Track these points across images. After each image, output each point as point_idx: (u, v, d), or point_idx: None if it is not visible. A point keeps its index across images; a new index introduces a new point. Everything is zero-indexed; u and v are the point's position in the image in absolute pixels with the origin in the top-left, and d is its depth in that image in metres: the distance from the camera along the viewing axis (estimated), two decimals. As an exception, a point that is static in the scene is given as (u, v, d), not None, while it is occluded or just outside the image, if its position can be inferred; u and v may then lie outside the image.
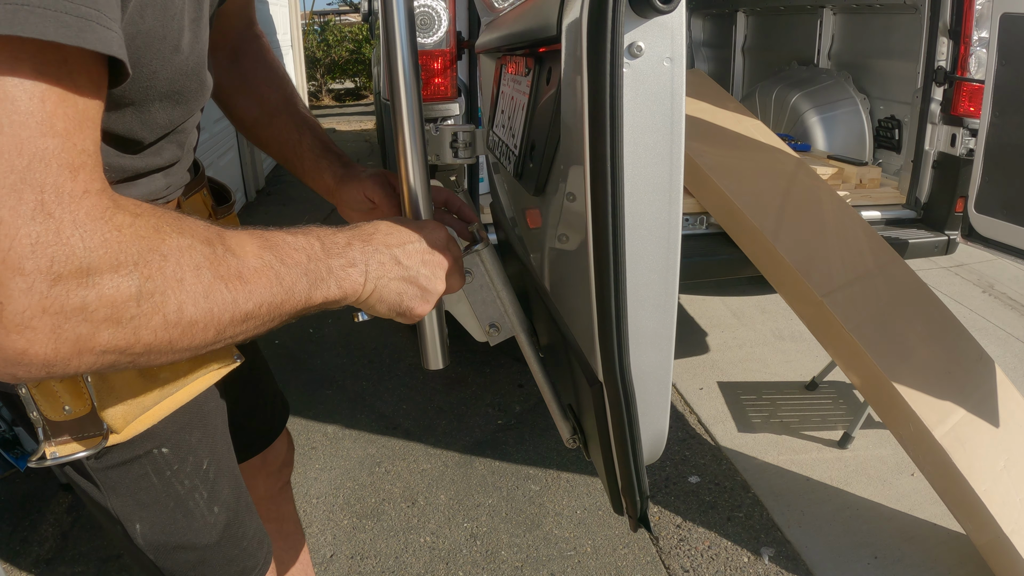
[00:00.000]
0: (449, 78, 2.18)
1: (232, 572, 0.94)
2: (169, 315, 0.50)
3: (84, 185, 0.46)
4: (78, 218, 0.45)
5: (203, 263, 0.52)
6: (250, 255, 0.56)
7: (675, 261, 0.63)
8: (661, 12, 0.53)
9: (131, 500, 0.83)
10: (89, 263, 0.45)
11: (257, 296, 0.56)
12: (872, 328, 1.86)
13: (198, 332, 0.53)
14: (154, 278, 0.48)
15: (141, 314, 0.48)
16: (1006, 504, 1.68)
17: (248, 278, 0.55)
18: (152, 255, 0.48)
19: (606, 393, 0.66)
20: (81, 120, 0.47)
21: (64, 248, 0.44)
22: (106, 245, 0.46)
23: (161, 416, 0.80)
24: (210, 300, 0.52)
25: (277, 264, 0.58)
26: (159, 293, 0.49)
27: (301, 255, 0.60)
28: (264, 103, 1.03)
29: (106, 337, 0.47)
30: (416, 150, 0.76)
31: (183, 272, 0.50)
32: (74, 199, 0.45)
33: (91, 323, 0.46)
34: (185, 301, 0.51)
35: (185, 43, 0.68)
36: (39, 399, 0.72)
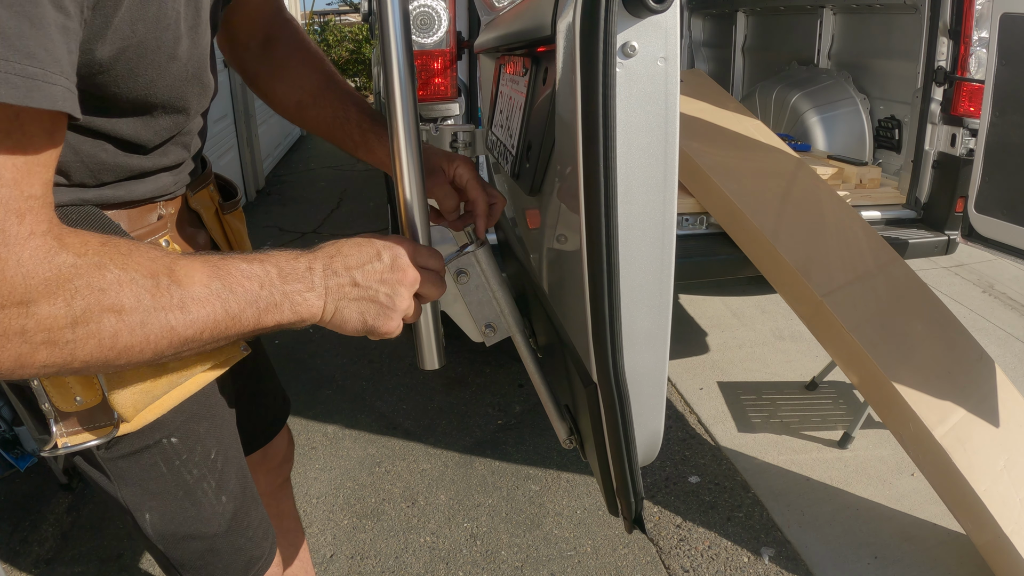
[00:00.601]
0: (449, 78, 2.18)
1: (239, 561, 0.95)
2: (104, 340, 0.55)
3: (29, 228, 0.52)
4: (22, 259, 0.51)
5: (142, 294, 0.57)
6: (197, 284, 0.60)
7: (670, 261, 0.63)
8: (654, 12, 0.53)
9: (140, 489, 0.85)
10: (28, 297, 0.51)
11: (199, 323, 0.60)
12: (872, 328, 1.85)
13: (135, 354, 0.58)
14: (90, 309, 0.54)
15: (76, 339, 0.54)
16: (1006, 504, 1.68)
17: (190, 307, 0.59)
18: (91, 289, 0.54)
19: (600, 394, 0.66)
20: (30, 167, 0.52)
21: (7, 284, 0.50)
22: (45, 283, 0.52)
23: (170, 406, 0.81)
24: (147, 328, 0.57)
25: (225, 293, 0.62)
26: (94, 322, 0.54)
27: (253, 283, 0.64)
28: (305, 85, 1.03)
29: (43, 356, 0.53)
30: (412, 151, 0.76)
31: (121, 302, 0.56)
32: (19, 241, 0.51)
33: (30, 344, 0.52)
34: (120, 329, 0.56)
35: (182, 50, 0.69)
36: (51, 391, 0.74)
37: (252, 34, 1.03)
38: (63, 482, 2.21)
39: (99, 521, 2.10)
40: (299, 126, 1.07)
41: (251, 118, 5.81)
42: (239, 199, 1.02)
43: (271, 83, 1.04)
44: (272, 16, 1.04)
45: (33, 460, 2.31)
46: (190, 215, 0.90)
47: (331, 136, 1.03)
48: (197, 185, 0.91)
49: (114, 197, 0.75)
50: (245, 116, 5.67)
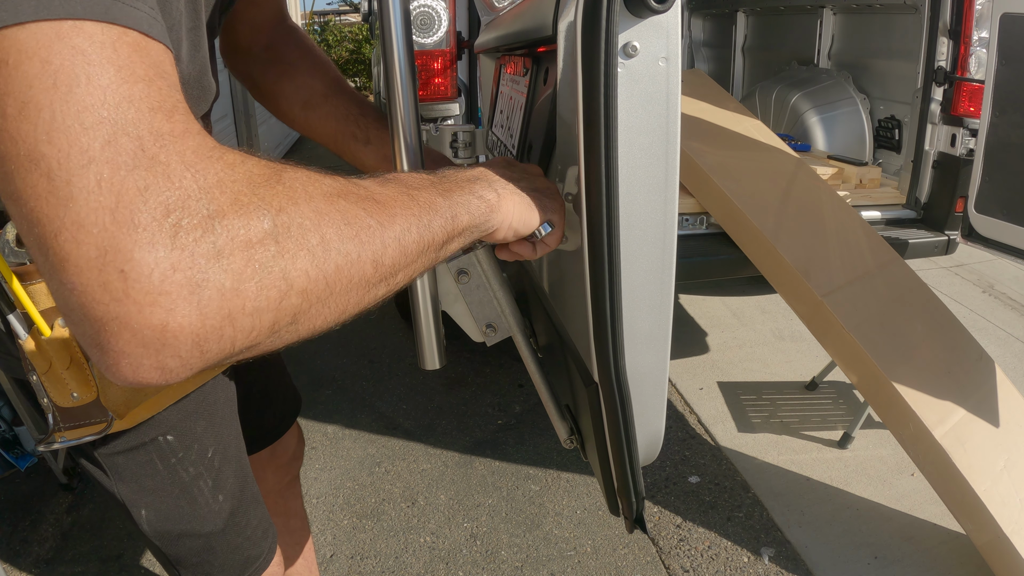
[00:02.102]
0: (449, 78, 2.18)
1: (236, 560, 0.96)
2: (315, 249, 0.43)
3: (183, 126, 0.40)
4: (186, 158, 0.39)
5: (330, 191, 0.46)
6: (373, 184, 0.51)
7: (671, 262, 0.63)
8: (656, 12, 0.53)
9: (136, 486, 0.85)
10: (210, 205, 0.39)
11: (400, 219, 0.50)
12: (872, 328, 1.85)
13: (354, 267, 0.46)
14: (286, 210, 0.42)
15: (283, 252, 0.41)
16: (1006, 504, 1.68)
17: (383, 201, 0.49)
18: (276, 187, 0.43)
19: (602, 394, 0.66)
20: (159, 70, 0.42)
21: (178, 192, 0.38)
22: (221, 184, 0.40)
23: (166, 404, 0.81)
24: (353, 226, 0.46)
25: (405, 188, 0.52)
26: (296, 226, 0.42)
27: (424, 181, 0.56)
28: (312, 87, 1.01)
29: (253, 288, 0.40)
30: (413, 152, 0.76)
31: (313, 200, 0.44)
32: (176, 139, 0.39)
33: (231, 274, 0.39)
34: (327, 230, 0.44)
35: (184, 52, 0.68)
36: (49, 386, 0.75)
37: (255, 40, 1.02)
38: (63, 482, 2.21)
39: (99, 521, 2.10)
40: (301, 129, 1.04)
41: (251, 118, 5.82)
42: None
43: (279, 84, 1.02)
44: (275, 23, 1.03)
45: (33, 460, 2.31)
46: None
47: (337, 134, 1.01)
48: None
49: None
50: (245, 116, 5.67)
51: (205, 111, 0.82)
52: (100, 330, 0.37)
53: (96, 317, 0.37)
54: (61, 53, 0.37)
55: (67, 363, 0.74)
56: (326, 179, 0.47)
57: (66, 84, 0.36)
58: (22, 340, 0.73)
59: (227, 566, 0.95)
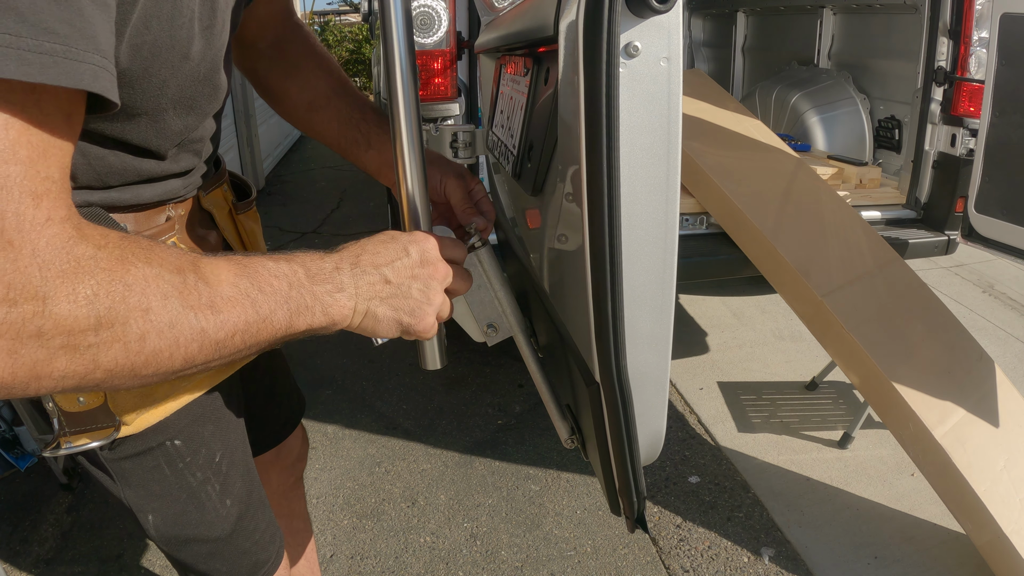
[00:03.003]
0: (449, 78, 2.18)
1: (244, 565, 0.95)
2: (131, 344, 0.49)
3: (47, 213, 0.46)
4: (37, 247, 0.45)
5: (170, 292, 0.51)
6: (225, 283, 0.55)
7: (672, 261, 0.63)
8: (658, 12, 0.53)
9: (144, 491, 0.85)
10: (45, 292, 0.45)
11: (229, 325, 0.55)
12: (872, 328, 1.85)
13: (163, 360, 0.52)
14: (115, 308, 0.48)
15: (100, 343, 0.48)
16: (1006, 504, 1.68)
17: (220, 307, 0.54)
18: (114, 285, 0.48)
19: (603, 394, 0.66)
20: (46, 148, 0.47)
21: (21, 276, 0.44)
22: (63, 276, 0.46)
23: (173, 409, 0.81)
24: (176, 329, 0.51)
25: (254, 292, 0.57)
26: (119, 323, 0.48)
27: (282, 282, 0.59)
28: (319, 86, 1.01)
29: (63, 363, 0.47)
30: (414, 151, 0.76)
31: (148, 301, 0.50)
32: (35, 227, 0.45)
33: (47, 349, 0.45)
34: (148, 331, 0.50)
35: (195, 50, 0.68)
36: None
37: (261, 36, 1.02)
38: (63, 482, 2.21)
39: (99, 521, 2.10)
40: (305, 129, 1.04)
41: (251, 118, 5.81)
42: (253, 198, 1.01)
43: (284, 83, 1.03)
44: (282, 19, 1.03)
45: (33, 460, 2.31)
46: (202, 215, 0.88)
47: (340, 138, 1.01)
48: (210, 185, 0.90)
49: (120, 200, 0.74)
50: (245, 116, 5.67)
51: (217, 109, 0.81)
52: None
53: None
54: None
55: None
56: (174, 276, 0.52)
57: None
58: None
59: (235, 571, 0.95)
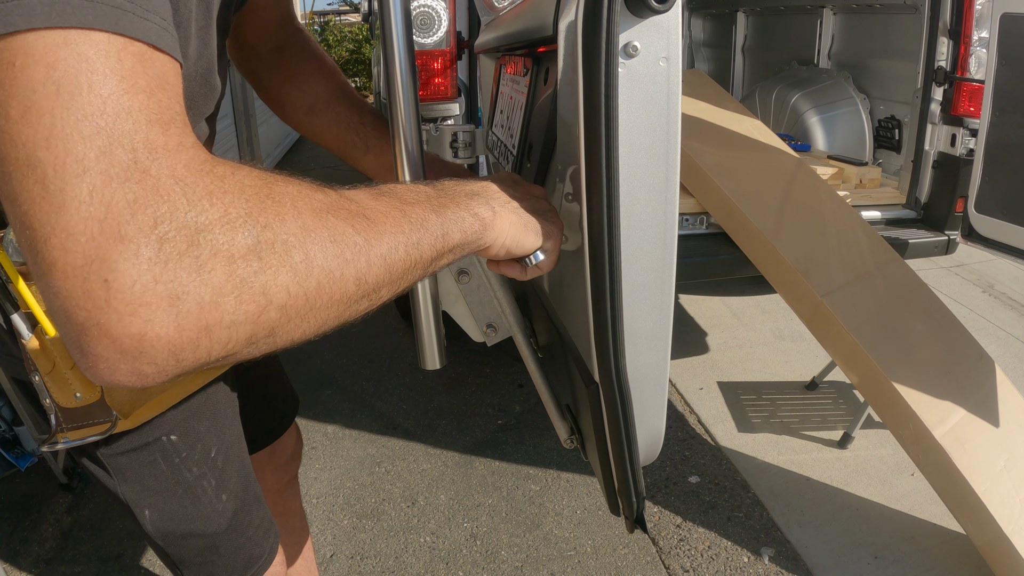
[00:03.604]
0: (449, 78, 2.18)
1: (239, 560, 0.96)
2: (297, 266, 0.43)
3: (178, 139, 0.41)
4: (177, 172, 0.40)
5: (320, 206, 0.46)
6: (366, 199, 0.51)
7: (671, 261, 0.63)
8: (657, 12, 0.53)
9: (140, 486, 0.85)
10: (196, 219, 0.39)
11: (389, 237, 0.50)
12: (872, 328, 1.85)
13: (336, 284, 0.46)
14: (271, 226, 0.43)
15: (265, 268, 0.42)
16: (1006, 504, 1.68)
17: (373, 218, 0.49)
18: (265, 201, 0.43)
19: (602, 394, 0.66)
20: (162, 82, 0.42)
21: (166, 205, 0.38)
22: (211, 197, 0.41)
23: (169, 404, 0.81)
24: (339, 244, 0.46)
25: (399, 203, 0.52)
26: (279, 242, 0.43)
27: (419, 195, 0.55)
28: (319, 91, 1.02)
29: (232, 303, 0.40)
30: (414, 151, 0.76)
31: (301, 216, 0.45)
32: (169, 153, 0.40)
33: (211, 288, 0.39)
34: (311, 248, 0.44)
35: (192, 50, 0.68)
36: (52, 387, 0.74)
37: (262, 40, 1.03)
38: (63, 482, 2.21)
39: (99, 521, 2.10)
40: (305, 133, 1.06)
41: (251, 118, 5.81)
42: None
43: (284, 87, 1.04)
44: (283, 24, 1.04)
45: (33, 460, 2.31)
46: None
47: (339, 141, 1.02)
48: None
49: None
50: (245, 116, 5.67)
51: (211, 111, 0.82)
52: (81, 334, 0.38)
53: (78, 322, 0.38)
54: (67, 60, 0.37)
55: (71, 363, 0.74)
56: (317, 193, 0.47)
57: (68, 92, 0.37)
58: (25, 340, 0.73)
59: (230, 566, 0.95)
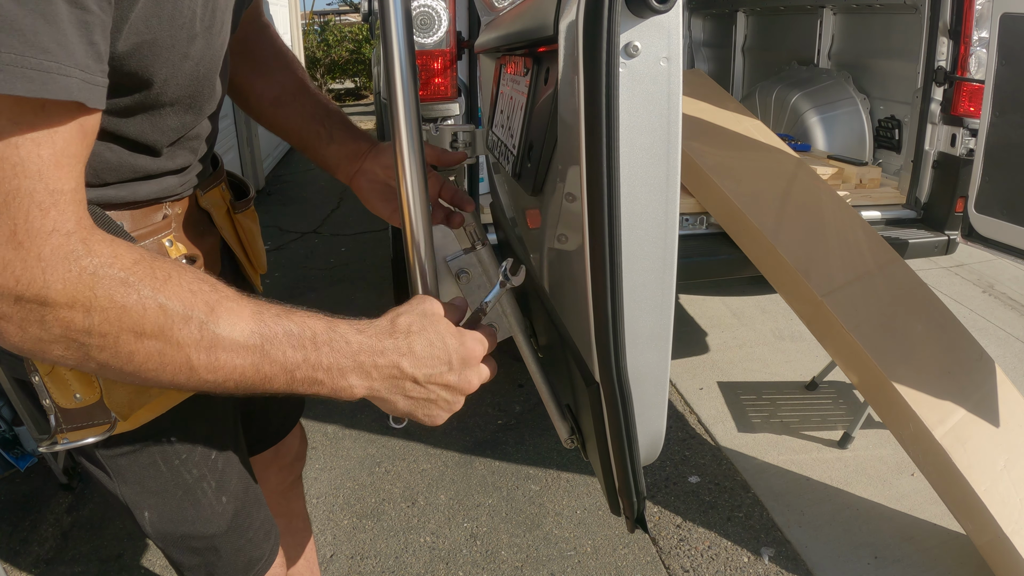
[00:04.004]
0: (449, 78, 2.18)
1: (239, 562, 0.96)
2: (120, 354, 0.55)
3: (52, 224, 0.51)
4: (43, 254, 0.51)
5: (169, 325, 0.55)
6: (237, 331, 0.58)
7: (672, 261, 0.63)
8: (657, 12, 0.53)
9: (140, 488, 0.85)
10: (46, 295, 0.51)
11: (224, 371, 0.58)
12: (872, 328, 1.85)
13: (150, 375, 0.57)
14: (109, 322, 0.53)
15: (92, 344, 0.54)
16: (1006, 504, 1.68)
17: (218, 353, 0.57)
18: (110, 304, 0.53)
19: (603, 394, 0.66)
20: (58, 160, 0.51)
21: (27, 275, 0.50)
22: (64, 282, 0.51)
23: (168, 406, 0.81)
24: (164, 357, 0.56)
25: (262, 352, 0.59)
26: (111, 336, 0.54)
27: (297, 353, 0.60)
28: (285, 83, 1.04)
29: (59, 350, 0.54)
30: (414, 151, 0.76)
31: (142, 326, 0.54)
32: (41, 236, 0.51)
33: (48, 335, 0.53)
34: (137, 351, 0.55)
35: (195, 50, 0.69)
36: (51, 387, 0.75)
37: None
38: (63, 482, 2.21)
39: (99, 521, 2.10)
40: (268, 125, 1.07)
41: (251, 118, 5.81)
42: (251, 198, 1.02)
43: (250, 79, 1.05)
44: (252, 18, 1.05)
45: (33, 460, 2.31)
46: (199, 214, 0.89)
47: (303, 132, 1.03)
48: (208, 184, 0.91)
49: (117, 197, 0.75)
50: (245, 116, 5.67)
51: (214, 109, 0.82)
52: None
53: None
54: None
55: None
56: (177, 311, 0.56)
57: None
58: None
59: (230, 567, 0.95)
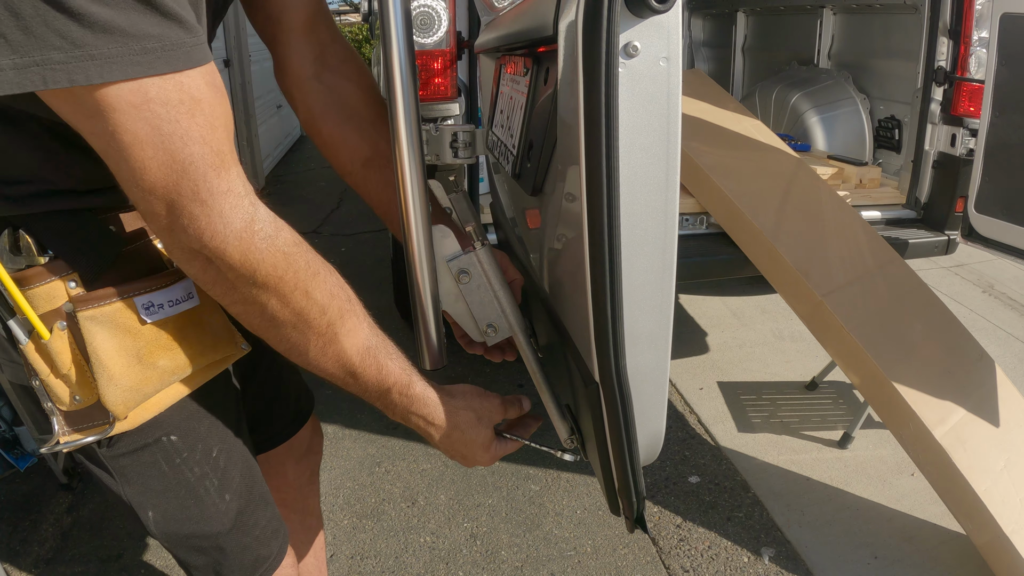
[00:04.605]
0: (449, 78, 2.18)
1: (246, 560, 0.96)
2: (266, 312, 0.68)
3: (227, 184, 0.61)
4: (223, 210, 0.61)
5: (307, 310, 0.69)
6: (356, 340, 0.74)
7: (672, 261, 0.63)
8: (657, 12, 0.53)
9: (143, 487, 0.86)
10: (224, 250, 0.62)
11: (318, 370, 0.74)
12: (872, 328, 1.85)
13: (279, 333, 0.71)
14: (268, 281, 0.66)
15: (251, 298, 0.67)
16: (1006, 504, 1.68)
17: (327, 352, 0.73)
18: (272, 265, 0.65)
19: (603, 394, 0.66)
20: (211, 123, 0.59)
21: (209, 230, 0.60)
22: (238, 238, 0.62)
23: (167, 404, 0.81)
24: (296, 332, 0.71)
25: (363, 369, 0.74)
26: (265, 294, 0.67)
27: (387, 380, 0.77)
28: (378, 145, 0.94)
29: (220, 290, 0.67)
30: (414, 151, 0.76)
31: (289, 300, 0.68)
32: (219, 194, 0.60)
33: (225, 279, 0.65)
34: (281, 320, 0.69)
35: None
36: (51, 390, 0.75)
37: (303, 53, 0.93)
38: (63, 482, 2.21)
39: (99, 521, 2.10)
40: (353, 183, 0.96)
41: (251, 118, 5.81)
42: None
43: (342, 129, 0.94)
44: (327, 42, 0.94)
45: (33, 460, 2.31)
46: None
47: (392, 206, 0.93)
48: None
49: (108, 202, 0.75)
50: (245, 116, 5.67)
51: None
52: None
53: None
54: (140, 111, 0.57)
55: (68, 366, 0.74)
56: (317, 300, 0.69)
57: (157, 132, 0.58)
58: (23, 345, 0.73)
59: (237, 566, 0.95)
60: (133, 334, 0.75)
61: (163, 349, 0.78)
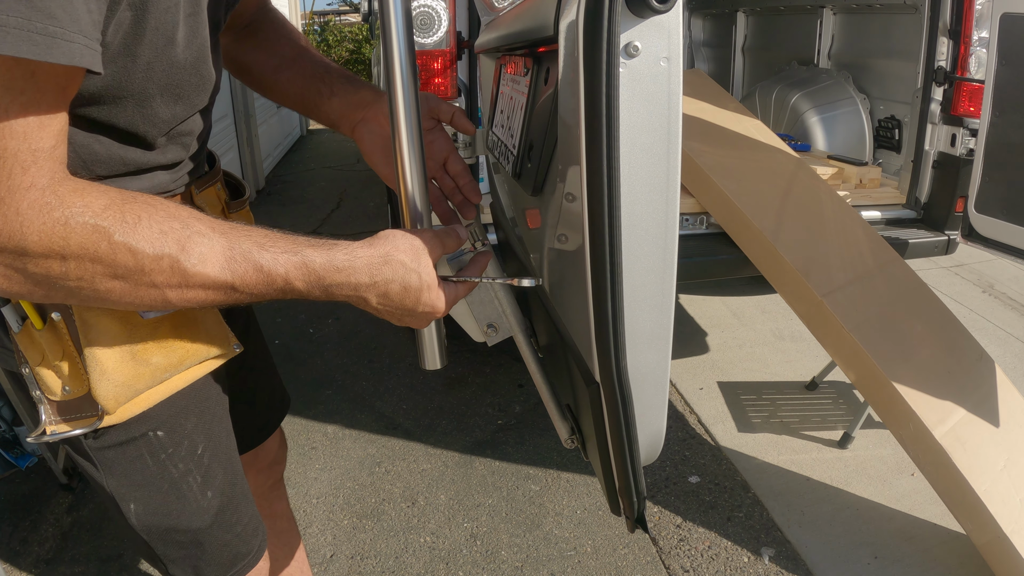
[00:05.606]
0: (449, 78, 2.18)
1: (224, 557, 0.96)
2: (99, 292, 0.62)
3: (31, 180, 0.56)
4: (20, 208, 0.56)
5: (141, 264, 0.61)
6: (210, 266, 0.64)
7: (672, 261, 0.63)
8: (658, 12, 0.53)
9: (126, 480, 0.86)
10: (24, 246, 0.57)
11: (195, 300, 0.66)
12: (872, 328, 1.85)
13: (127, 304, 0.64)
14: (83, 267, 0.60)
15: (71, 286, 0.61)
16: (1006, 504, 1.68)
17: (187, 290, 0.64)
18: (82, 252, 0.59)
19: (603, 394, 0.66)
20: (41, 121, 0.56)
21: (7, 228, 0.56)
22: (39, 234, 0.57)
23: (156, 400, 0.82)
24: (140, 295, 0.63)
25: (231, 286, 0.66)
26: (87, 279, 0.60)
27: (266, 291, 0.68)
28: (282, 52, 1.04)
29: (43, 291, 0.61)
30: (414, 151, 0.76)
31: (115, 269, 0.61)
32: (20, 191, 0.56)
33: (30, 280, 0.60)
34: (112, 289, 0.62)
35: (180, 36, 0.69)
36: (41, 380, 0.75)
37: (236, 24, 1.04)
38: (63, 482, 2.21)
39: (99, 521, 2.10)
40: (271, 94, 1.06)
41: (251, 118, 5.81)
42: (247, 198, 1.02)
43: (252, 53, 1.04)
44: (258, 9, 1.05)
45: (33, 460, 2.31)
46: None
47: (304, 91, 1.02)
48: (204, 183, 0.91)
49: None
50: (245, 116, 5.67)
51: (205, 103, 0.82)
52: None
53: None
54: None
55: (59, 356, 0.74)
56: (148, 253, 0.62)
57: None
58: (15, 332, 0.73)
59: (215, 562, 0.95)
60: (129, 330, 0.76)
61: (158, 346, 0.78)
